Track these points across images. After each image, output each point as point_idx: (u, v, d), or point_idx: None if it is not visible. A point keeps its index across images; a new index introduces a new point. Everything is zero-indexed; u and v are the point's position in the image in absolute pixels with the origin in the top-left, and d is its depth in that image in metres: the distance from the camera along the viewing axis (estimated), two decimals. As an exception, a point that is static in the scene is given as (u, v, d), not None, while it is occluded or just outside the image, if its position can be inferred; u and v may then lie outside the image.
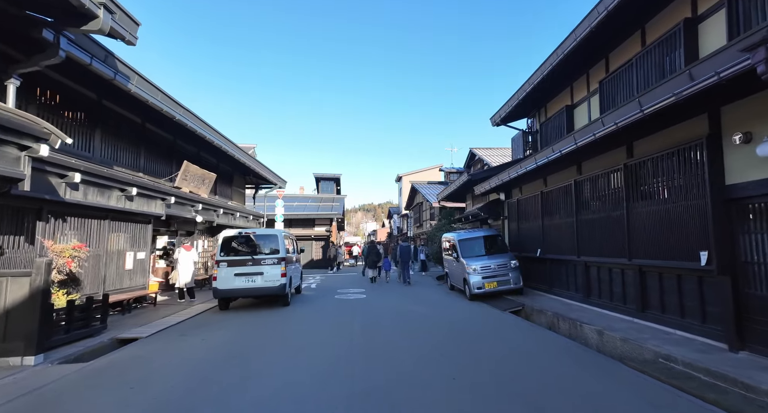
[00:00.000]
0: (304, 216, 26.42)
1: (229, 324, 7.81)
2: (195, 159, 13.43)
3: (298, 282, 12.03)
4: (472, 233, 12.08)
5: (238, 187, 18.91)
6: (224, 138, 12.78)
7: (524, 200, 11.93)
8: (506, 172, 10.92)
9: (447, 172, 34.81)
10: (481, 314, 8.82)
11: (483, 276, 10.64)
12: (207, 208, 13.18)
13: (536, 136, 13.89)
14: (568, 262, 9.30)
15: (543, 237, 10.50)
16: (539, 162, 8.76)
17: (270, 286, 9.27)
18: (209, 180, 13.32)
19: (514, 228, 12.71)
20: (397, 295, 12.14)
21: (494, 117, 14.54)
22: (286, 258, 9.70)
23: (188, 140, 12.62)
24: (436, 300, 11.11)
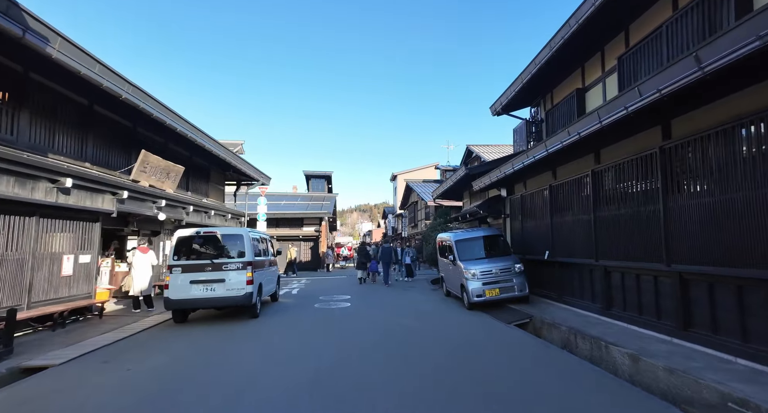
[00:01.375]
0: (291, 216, 24.99)
1: (172, 346, 6.38)
2: (161, 150, 12.00)
3: (273, 288, 10.62)
4: (470, 233, 10.72)
5: (217, 184, 17.46)
6: (192, 126, 11.34)
7: (529, 196, 10.58)
8: (509, 164, 9.57)
9: (443, 170, 33.45)
10: (482, 329, 7.45)
11: (483, 283, 9.28)
12: (173, 205, 11.74)
13: (541, 125, 12.57)
14: (583, 267, 7.96)
15: (552, 237, 9.15)
16: (551, 148, 7.41)
17: (233, 296, 7.86)
18: (176, 173, 11.88)
19: (518, 227, 11.36)
20: (385, 303, 10.74)
21: (494, 105, 13.20)
22: (254, 262, 8.29)
23: (152, 128, 11.18)
24: (430, 309, 9.73)
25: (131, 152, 10.67)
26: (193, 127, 11.42)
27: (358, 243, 28.25)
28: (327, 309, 9.63)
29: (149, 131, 11.46)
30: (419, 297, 11.68)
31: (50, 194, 7.19)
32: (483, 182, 11.63)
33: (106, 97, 8.22)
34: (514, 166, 9.19)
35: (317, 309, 9.78)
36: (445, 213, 16.63)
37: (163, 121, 9.68)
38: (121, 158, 10.46)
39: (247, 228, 10.55)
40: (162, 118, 9.61)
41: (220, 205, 16.25)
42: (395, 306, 10.26)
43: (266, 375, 4.77)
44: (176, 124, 10.28)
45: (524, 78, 10.80)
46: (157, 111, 9.31)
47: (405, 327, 7.48)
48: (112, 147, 10.09)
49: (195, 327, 7.75)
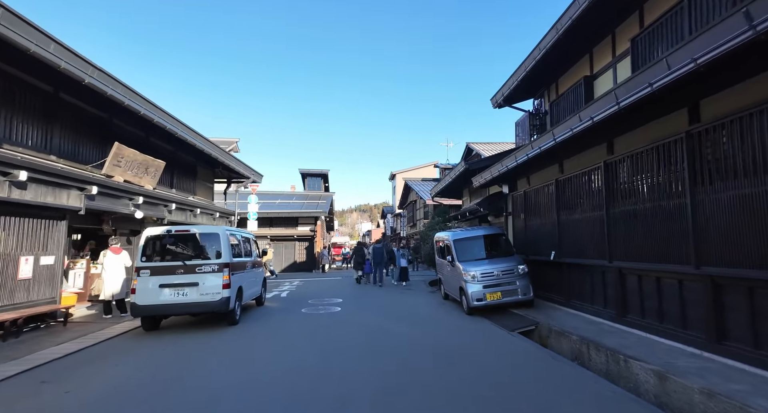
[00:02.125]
0: (285, 215, 24.25)
1: (130, 360, 5.64)
2: (141, 144, 11.26)
3: (258, 291, 9.87)
4: (469, 232, 9.97)
5: (205, 181, 16.72)
6: (171, 117, 10.59)
7: (533, 192, 9.84)
8: (512, 157, 8.83)
9: (442, 169, 32.72)
10: (483, 338, 6.71)
11: (484, 285, 8.54)
12: (153, 202, 11.01)
13: (545, 118, 11.83)
14: (594, 268, 7.22)
15: (559, 236, 8.41)
16: (560, 137, 6.67)
17: (207, 301, 7.11)
18: (155, 168, 11.13)
19: (520, 225, 10.62)
20: (378, 307, 10.00)
21: (496, 96, 12.45)
22: (232, 264, 7.55)
23: (130, 120, 10.44)
24: (426, 314, 8.98)
25: (106, 145, 9.91)
26: (173, 118, 10.67)
27: (355, 243, 27.49)
28: (314, 315, 8.88)
29: (128, 123, 10.72)
30: (415, 301, 10.94)
31: (1, 188, 6.45)
32: (484, 178, 10.89)
33: (71, 83, 7.48)
34: (518, 159, 8.45)
35: (304, 314, 9.04)
36: (444, 212, 15.90)
37: (136, 110, 8.93)
38: (94, 151, 9.71)
39: (225, 226, 9.77)
40: (135, 107, 8.86)
41: (207, 203, 15.51)
42: (389, 310, 9.51)
43: (228, 401, 4.03)
44: (152, 114, 9.53)
45: (528, 65, 10.05)
46: (129, 99, 8.57)
47: (397, 337, 6.74)
48: (83, 139, 9.35)
49: (164, 337, 7.00)
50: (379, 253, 15.45)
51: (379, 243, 21.78)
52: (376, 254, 15.23)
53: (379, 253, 15.13)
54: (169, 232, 7.36)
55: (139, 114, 9.08)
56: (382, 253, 14.95)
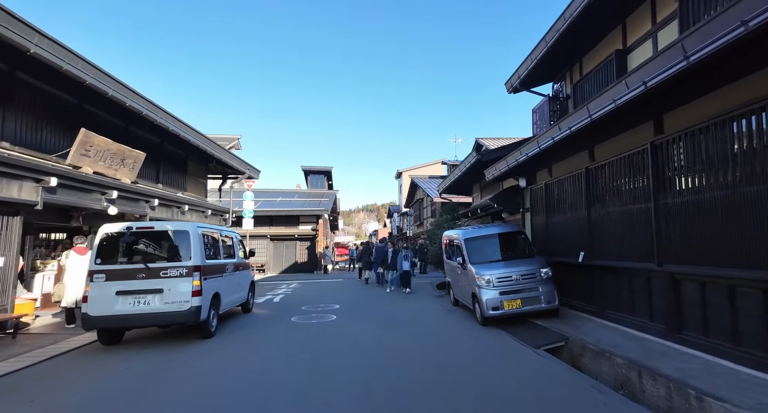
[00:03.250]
0: (286, 213, 23.18)
1: (64, 388, 4.54)
2: (119, 134, 10.24)
3: (243, 297, 8.75)
4: (482, 230, 8.75)
5: (197, 177, 15.69)
6: (148, 102, 9.52)
7: (556, 184, 8.60)
8: (533, 143, 7.60)
9: (450, 165, 31.46)
10: (501, 357, 5.51)
11: (501, 292, 7.33)
12: (131, 197, 9.95)
13: (566, 102, 10.57)
14: (637, 272, 5.99)
15: (589, 234, 7.17)
16: (596, 112, 5.44)
17: (173, 311, 6.00)
18: (134, 160, 10.08)
19: (541, 223, 9.38)
20: (377, 315, 8.82)
21: (511, 79, 11.23)
22: (204, 266, 6.43)
23: (104, 106, 9.40)
24: (433, 324, 7.79)
25: (76, 134, 8.87)
26: (152, 103, 9.60)
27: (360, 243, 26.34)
28: (305, 326, 7.73)
29: (101, 109, 9.68)
30: (421, 308, 9.74)
31: (-75, 177, 5.40)
32: (498, 169, 9.66)
33: (27, 60, 6.43)
34: (541, 145, 7.22)
35: (294, 324, 7.90)
36: (452, 209, 14.70)
37: (102, 91, 7.86)
38: (62, 140, 8.69)
39: (197, 222, 8.63)
40: (101, 87, 7.80)
41: (198, 200, 14.45)
42: (390, 319, 8.33)
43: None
44: (124, 97, 8.46)
45: (549, 40, 8.81)
46: (93, 77, 7.51)
47: (397, 354, 5.57)
48: (46, 126, 8.32)
49: (122, 353, 5.90)
50: (381, 253, 14.84)
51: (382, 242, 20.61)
52: (378, 253, 14.45)
53: (381, 253, 14.33)
54: (130, 229, 6.25)
55: (107, 95, 8.01)
56: (383, 253, 13.93)
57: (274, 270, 23.23)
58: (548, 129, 6.94)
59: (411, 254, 13.04)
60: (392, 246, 13.74)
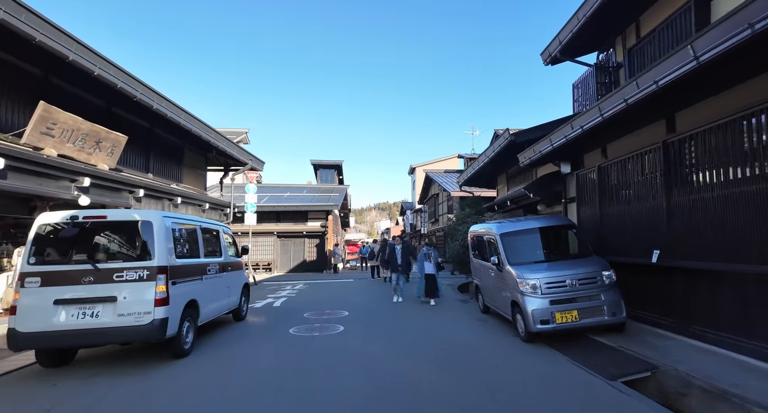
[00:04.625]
0: (294, 209, 21.83)
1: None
2: (100, 115, 8.96)
3: (233, 303, 7.35)
4: (522, 223, 7.16)
5: (195, 168, 14.39)
6: (127, 74, 8.17)
7: (615, 166, 6.97)
8: (593, 112, 5.97)
9: (467, 159, 29.75)
10: (569, 396, 3.94)
11: (552, 300, 5.75)
12: (109, 186, 8.62)
13: (617, 73, 8.89)
14: (742, 278, 4.38)
15: (668, 227, 5.56)
16: (706, 54, 3.83)
17: (130, 325, 4.60)
18: (113, 143, 8.76)
19: (591, 215, 7.75)
20: (393, 327, 7.32)
21: (549, 48, 9.59)
22: (173, 267, 5.02)
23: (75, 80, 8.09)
24: (464, 342, 6.24)
25: (40, 111, 7.56)
26: (131, 76, 8.25)
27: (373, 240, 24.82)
28: (304, 341, 6.28)
29: (74, 84, 8.37)
30: (444, 317, 8.20)
31: None
32: (538, 151, 8.04)
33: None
34: (604, 111, 5.59)
35: (291, 338, 6.45)
36: (476, 203, 13.09)
37: (63, 55, 6.51)
38: (21, 116, 7.39)
39: (166, 211, 7.16)
40: (62, 51, 6.44)
41: (195, 193, 13.14)
42: (409, 333, 6.83)
43: None
44: (91, 64, 7.11)
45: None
46: (45, 33, 6.14)
47: (418, 391, 4.06)
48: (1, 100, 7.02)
49: (67, 380, 4.53)
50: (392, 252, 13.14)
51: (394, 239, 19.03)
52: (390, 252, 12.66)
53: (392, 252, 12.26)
54: (74, 219, 4.86)
55: (67, 60, 6.65)
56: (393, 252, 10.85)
57: (281, 270, 21.94)
58: (622, 87, 5.31)
59: (435, 253, 9.74)
60: (401, 243, 10.55)
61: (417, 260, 9.91)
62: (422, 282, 9.59)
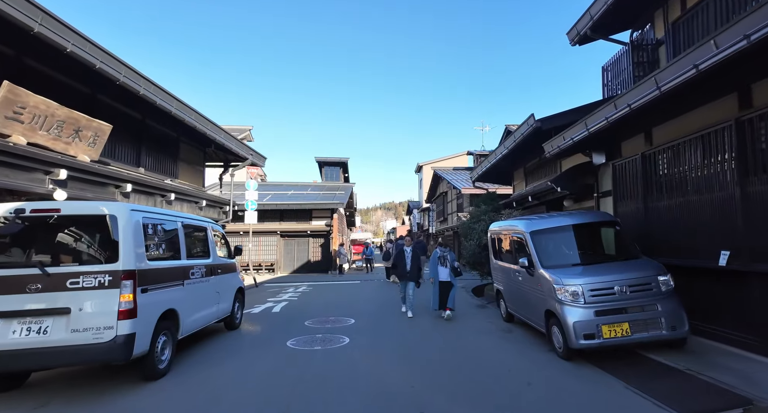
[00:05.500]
0: (297, 207, 20.98)
1: None
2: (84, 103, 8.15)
3: (225, 311, 6.49)
4: (556, 219, 6.20)
5: (193, 163, 13.58)
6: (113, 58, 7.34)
7: (664, 152, 6.00)
8: (649, 83, 4.98)
9: (477, 155, 28.82)
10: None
11: (598, 310, 4.81)
12: (90, 180, 7.80)
13: (656, 51, 7.91)
14: None
15: (742, 223, 4.58)
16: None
17: (87, 344, 3.74)
18: (96, 132, 7.93)
19: (632, 211, 6.78)
20: (406, 340, 6.40)
21: (577, 26, 8.63)
22: (145, 272, 4.15)
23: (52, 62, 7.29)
24: (488, 359, 5.31)
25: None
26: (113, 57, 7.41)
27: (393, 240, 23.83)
28: (303, 356, 5.39)
29: (55, 68, 7.57)
30: (462, 327, 7.25)
31: None
32: (570, 137, 7.07)
33: None
34: (662, 84, 4.61)
35: (289, 352, 5.56)
36: (492, 199, 12.12)
37: (27, 27, 5.67)
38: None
39: (135, 204, 6.27)
40: (26, 22, 5.60)
41: (191, 189, 12.31)
42: (423, 347, 5.91)
43: None
44: (65, 40, 6.27)
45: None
46: (7, 1, 5.30)
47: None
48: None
49: (8, 408, 3.67)
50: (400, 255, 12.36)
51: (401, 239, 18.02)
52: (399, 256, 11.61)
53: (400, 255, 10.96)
54: (19, 213, 4.00)
55: (32, 32, 5.81)
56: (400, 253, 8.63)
57: (284, 270, 21.12)
58: (683, 55, 4.35)
59: (452, 256, 7.97)
60: (411, 244, 8.62)
61: (429, 263, 8.04)
62: (436, 292, 7.84)
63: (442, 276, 7.79)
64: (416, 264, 8.14)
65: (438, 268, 7.86)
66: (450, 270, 7.78)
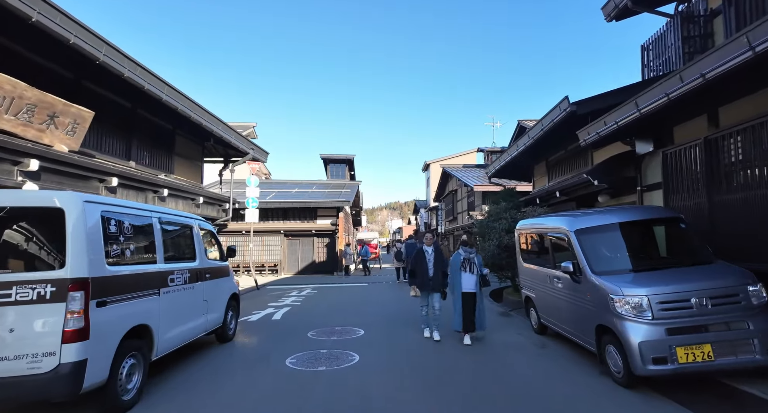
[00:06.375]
0: (302, 205, 20.11)
1: None
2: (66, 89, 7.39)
3: (216, 321, 5.61)
4: (605, 215, 5.23)
5: (190, 158, 12.76)
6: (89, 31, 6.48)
7: (735, 135, 5.02)
8: (732, 49, 4.00)
9: (488, 152, 27.80)
10: None
11: (671, 328, 3.86)
12: (68, 172, 6.97)
13: (710, 23, 6.91)
14: None
15: None
16: None
17: (17, 377, 2.87)
18: (75, 119, 7.10)
19: (690, 206, 5.80)
20: (424, 360, 5.47)
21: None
22: (99, 280, 3.26)
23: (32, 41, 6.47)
24: (527, 383, 4.37)
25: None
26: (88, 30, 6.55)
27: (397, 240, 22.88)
28: (305, 379, 4.49)
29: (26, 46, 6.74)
30: (488, 339, 6.27)
31: None
32: (614, 121, 6.08)
33: None
34: (759, 42, 3.64)
35: (289, 374, 4.65)
36: (511, 195, 11.14)
37: None
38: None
39: (95, 195, 5.23)
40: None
41: (186, 185, 11.46)
42: (448, 369, 4.97)
43: None
44: (29, 8, 5.42)
45: None
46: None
47: None
48: None
49: None
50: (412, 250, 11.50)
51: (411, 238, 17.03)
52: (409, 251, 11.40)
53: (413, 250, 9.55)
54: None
55: None
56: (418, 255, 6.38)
57: (288, 271, 20.27)
58: None
59: (479, 259, 6.25)
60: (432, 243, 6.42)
61: (449, 268, 6.27)
62: (459, 306, 5.96)
63: (466, 286, 5.97)
64: (440, 268, 6.19)
65: (461, 275, 6.01)
66: (477, 278, 6.02)
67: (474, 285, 5.99)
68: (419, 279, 6.14)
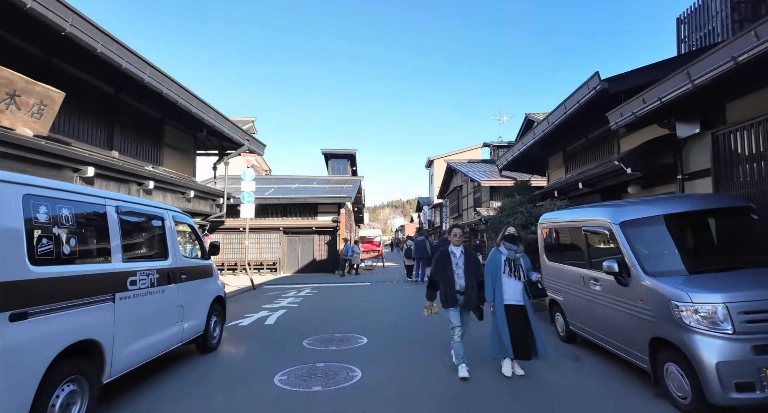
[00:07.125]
0: (302, 201, 19.30)
1: None
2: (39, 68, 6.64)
3: (197, 328, 4.83)
4: (657, 205, 4.37)
5: (181, 150, 11.98)
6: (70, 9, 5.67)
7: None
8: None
9: (495, 147, 26.93)
10: None
11: (758, 345, 3.03)
12: (32, 159, 6.17)
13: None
14: None
15: None
16: None
17: None
18: (42, 100, 6.30)
19: (751, 195, 4.95)
20: (438, 373, 4.66)
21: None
22: (16, 284, 2.46)
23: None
24: (569, 408, 3.56)
25: None
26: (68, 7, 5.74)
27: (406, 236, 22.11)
28: (297, 402, 3.68)
29: None
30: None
31: None
32: (656, 97, 5.23)
33: None
34: None
35: (277, 396, 3.85)
36: (525, 188, 10.31)
37: None
38: None
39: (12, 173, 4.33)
40: None
41: (174, 177, 10.66)
42: (470, 386, 4.16)
43: None
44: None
45: None
46: None
47: None
48: None
49: None
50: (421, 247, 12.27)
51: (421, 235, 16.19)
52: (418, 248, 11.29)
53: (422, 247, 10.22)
54: None
55: None
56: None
57: (287, 270, 19.50)
58: None
59: (527, 261, 4.50)
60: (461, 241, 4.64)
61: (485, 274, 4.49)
62: (503, 325, 4.28)
63: (510, 297, 4.33)
64: (475, 277, 4.45)
65: (503, 281, 4.36)
66: (524, 285, 4.36)
67: (521, 295, 4.35)
68: (445, 292, 4.37)
